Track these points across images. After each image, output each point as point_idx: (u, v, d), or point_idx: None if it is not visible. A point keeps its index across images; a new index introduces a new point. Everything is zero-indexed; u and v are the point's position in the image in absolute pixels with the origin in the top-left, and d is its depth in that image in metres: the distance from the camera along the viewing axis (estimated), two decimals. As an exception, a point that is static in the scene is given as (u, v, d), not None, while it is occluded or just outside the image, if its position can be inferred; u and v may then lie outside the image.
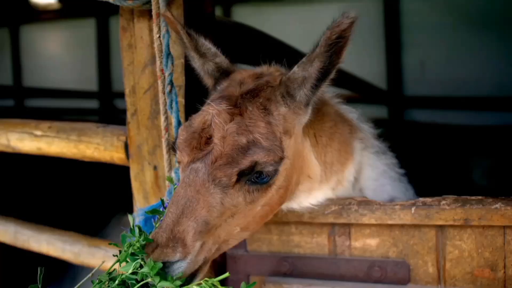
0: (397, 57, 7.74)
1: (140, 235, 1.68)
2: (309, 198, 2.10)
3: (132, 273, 1.62)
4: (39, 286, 1.66)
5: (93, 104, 9.34)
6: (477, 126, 6.96)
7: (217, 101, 1.84)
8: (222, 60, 2.06)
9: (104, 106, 9.25)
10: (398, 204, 2.01)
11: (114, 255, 1.73)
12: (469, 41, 7.04)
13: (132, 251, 1.64)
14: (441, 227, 1.99)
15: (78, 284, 1.75)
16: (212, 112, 1.80)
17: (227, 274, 1.62)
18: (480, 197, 1.94)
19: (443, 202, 1.95)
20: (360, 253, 2.12)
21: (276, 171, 1.78)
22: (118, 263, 1.66)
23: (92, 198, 4.94)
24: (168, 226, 1.70)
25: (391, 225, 2.06)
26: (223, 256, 2.39)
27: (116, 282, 1.63)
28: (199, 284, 1.58)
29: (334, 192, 2.14)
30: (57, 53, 9.54)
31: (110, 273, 1.66)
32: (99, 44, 9.15)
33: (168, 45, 1.93)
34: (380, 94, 7.48)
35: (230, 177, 1.72)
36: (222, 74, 2.06)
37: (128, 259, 1.64)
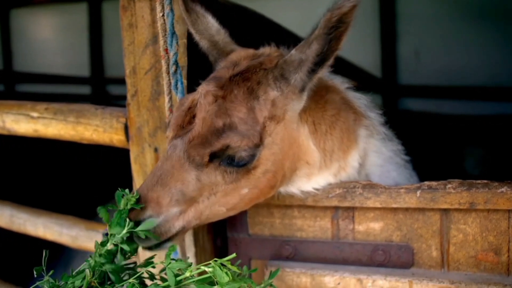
0: (392, 46, 7.72)
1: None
2: (310, 183, 2.08)
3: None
4: (44, 268, 1.64)
5: (85, 90, 9.24)
6: (471, 115, 6.98)
7: (207, 82, 1.89)
8: (220, 39, 2.09)
9: (96, 92, 9.15)
10: (403, 187, 1.99)
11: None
12: (464, 31, 7.03)
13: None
14: (445, 210, 1.98)
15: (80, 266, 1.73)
16: (201, 92, 1.85)
17: (234, 255, 1.61)
18: (485, 181, 1.92)
19: (449, 185, 1.94)
20: (363, 237, 2.11)
21: (252, 157, 1.80)
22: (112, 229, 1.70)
23: (90, 182, 4.90)
24: (142, 191, 1.78)
25: (395, 209, 2.05)
26: (224, 239, 2.37)
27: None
28: (207, 264, 1.55)
29: (336, 178, 2.11)
30: (48, 38, 9.40)
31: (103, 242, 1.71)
32: (91, 29, 9.03)
33: (172, 24, 1.89)
34: (375, 82, 7.46)
35: (202, 157, 1.77)
36: (220, 52, 2.08)
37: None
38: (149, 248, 1.83)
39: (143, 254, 2.42)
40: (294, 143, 1.94)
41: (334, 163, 2.08)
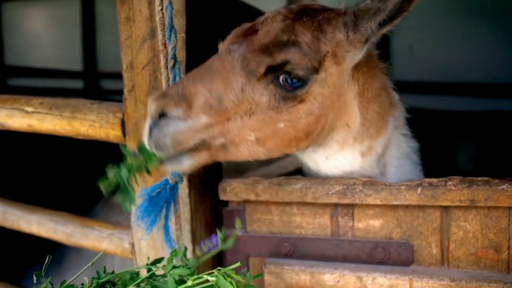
0: (386, 41, 7.71)
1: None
2: (340, 154, 2.07)
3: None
4: (43, 274, 1.60)
5: (77, 84, 9.15)
6: (465, 111, 6.99)
7: (278, 9, 1.93)
8: None
9: (89, 86, 9.07)
10: (403, 184, 1.98)
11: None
12: (459, 26, 7.04)
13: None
14: (445, 208, 1.97)
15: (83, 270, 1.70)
16: (269, 14, 1.87)
17: (238, 264, 1.58)
18: (486, 178, 1.92)
19: (450, 182, 1.93)
20: (363, 234, 2.10)
21: (305, 82, 1.77)
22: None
23: (84, 178, 4.86)
24: (182, 82, 1.71)
25: (395, 206, 2.03)
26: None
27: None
28: (210, 273, 1.52)
29: (363, 160, 2.10)
30: (41, 32, 9.30)
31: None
32: (84, 22, 8.94)
33: (171, 18, 1.85)
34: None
35: (258, 64, 1.72)
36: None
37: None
38: (162, 162, 1.72)
39: (140, 257, 2.40)
40: (342, 97, 1.95)
41: (367, 140, 2.07)
